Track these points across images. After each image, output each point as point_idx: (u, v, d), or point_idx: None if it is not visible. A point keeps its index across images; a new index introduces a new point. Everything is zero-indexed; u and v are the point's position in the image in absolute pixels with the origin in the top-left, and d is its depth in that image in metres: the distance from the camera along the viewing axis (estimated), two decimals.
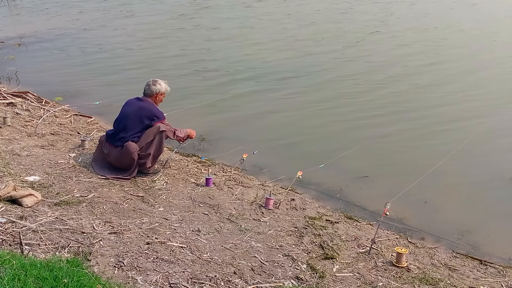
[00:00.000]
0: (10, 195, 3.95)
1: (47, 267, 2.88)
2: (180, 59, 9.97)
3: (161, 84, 5.02)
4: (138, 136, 4.90)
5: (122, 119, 4.95)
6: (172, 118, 5.98)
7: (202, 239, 3.78)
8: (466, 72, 9.00)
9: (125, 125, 4.90)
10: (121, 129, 4.91)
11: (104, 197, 4.34)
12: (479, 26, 12.34)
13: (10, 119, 6.09)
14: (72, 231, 3.63)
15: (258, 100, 7.69)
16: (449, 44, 10.87)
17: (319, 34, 11.75)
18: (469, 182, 5.37)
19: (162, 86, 5.02)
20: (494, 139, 6.34)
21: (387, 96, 7.86)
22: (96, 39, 11.77)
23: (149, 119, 4.90)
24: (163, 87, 5.02)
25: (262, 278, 3.34)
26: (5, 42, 11.32)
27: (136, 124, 4.89)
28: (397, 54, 10.08)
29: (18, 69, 8.91)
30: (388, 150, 6.06)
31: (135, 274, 3.18)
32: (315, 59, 9.82)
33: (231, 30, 12.35)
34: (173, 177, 4.99)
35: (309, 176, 5.19)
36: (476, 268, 3.90)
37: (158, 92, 5.00)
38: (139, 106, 4.94)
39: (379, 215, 4.48)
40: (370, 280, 3.47)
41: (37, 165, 4.92)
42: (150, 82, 5.03)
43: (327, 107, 7.42)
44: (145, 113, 4.91)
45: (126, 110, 4.99)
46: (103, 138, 5.08)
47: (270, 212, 4.42)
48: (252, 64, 9.55)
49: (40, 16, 14.46)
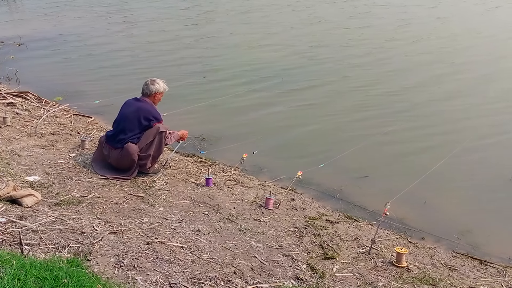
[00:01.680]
0: (10, 195, 3.95)
1: (47, 267, 2.88)
2: (180, 59, 9.97)
3: (160, 84, 4.98)
4: (137, 137, 4.89)
5: (121, 121, 4.93)
6: (172, 117, 6.00)
7: (202, 239, 3.78)
8: (467, 72, 9.02)
9: (124, 126, 4.89)
10: (121, 130, 4.89)
11: (104, 197, 4.34)
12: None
13: (10, 119, 6.09)
14: (72, 231, 3.62)
15: (258, 100, 7.69)
16: (448, 45, 10.88)
17: (320, 34, 11.76)
18: (469, 182, 5.38)
19: (161, 85, 4.99)
20: (494, 139, 6.34)
21: (387, 96, 7.86)
22: (96, 39, 11.78)
23: (147, 120, 4.88)
24: (161, 86, 4.99)
25: (262, 278, 3.34)
26: (5, 42, 11.32)
27: (135, 125, 4.87)
28: (395, 54, 10.09)
29: (18, 69, 8.91)
30: (388, 150, 6.06)
31: (135, 274, 3.18)
32: (316, 59, 9.82)
33: (231, 30, 12.35)
34: (173, 177, 4.99)
35: (309, 176, 5.19)
36: (476, 268, 3.90)
37: (157, 91, 4.96)
38: (138, 107, 4.92)
39: (379, 215, 4.48)
40: (370, 280, 3.47)
41: (37, 165, 4.92)
42: (149, 81, 4.99)
43: (327, 107, 7.42)
44: (143, 114, 4.88)
45: (124, 111, 4.97)
46: (103, 139, 5.07)
47: (270, 212, 4.42)
48: (252, 64, 9.55)
49: (41, 16, 14.46)
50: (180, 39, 11.55)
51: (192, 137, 6.22)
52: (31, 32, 12.26)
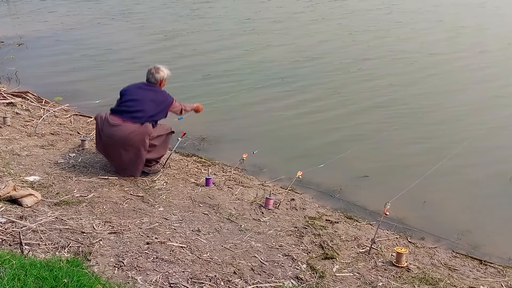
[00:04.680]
0: (10, 195, 3.95)
1: (47, 267, 2.88)
2: (181, 59, 9.95)
3: (164, 71, 4.94)
4: (155, 121, 4.85)
5: (137, 100, 4.79)
6: (172, 117, 5.99)
7: (202, 239, 3.78)
8: (466, 72, 9.02)
9: (142, 106, 4.76)
10: (138, 107, 4.75)
11: (104, 197, 4.34)
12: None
13: (10, 119, 6.09)
14: (72, 231, 3.63)
15: (258, 100, 7.69)
16: (438, 51, 10.89)
17: (322, 35, 11.75)
18: (469, 182, 5.38)
19: (165, 72, 4.94)
20: (494, 139, 6.35)
21: (387, 96, 7.86)
22: (96, 39, 11.76)
23: (163, 104, 4.88)
24: (166, 73, 4.95)
25: (262, 278, 3.34)
26: (5, 42, 11.31)
27: (152, 107, 4.79)
28: (395, 54, 10.09)
29: (18, 69, 8.90)
30: (388, 150, 6.07)
31: (135, 274, 3.18)
32: (316, 59, 9.81)
33: (231, 30, 12.34)
34: (173, 177, 4.99)
35: (309, 176, 5.19)
36: (476, 268, 3.90)
37: (163, 79, 4.93)
38: (153, 91, 4.86)
39: (379, 215, 4.48)
40: (370, 280, 3.47)
41: (37, 165, 4.92)
42: (153, 70, 4.92)
43: (327, 107, 7.41)
44: (160, 97, 4.87)
45: (138, 92, 4.86)
46: (104, 113, 4.83)
47: (270, 212, 4.42)
48: (252, 64, 9.54)
49: (41, 16, 14.45)
50: (183, 39, 11.53)
51: (192, 137, 6.23)
52: (31, 32, 12.25)
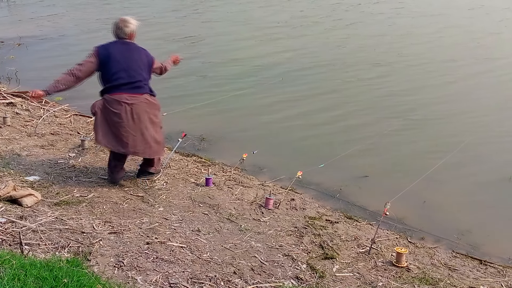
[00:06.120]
0: (10, 195, 3.95)
1: (47, 267, 2.88)
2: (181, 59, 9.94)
3: (132, 23, 4.42)
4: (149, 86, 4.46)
5: (129, 67, 4.34)
6: (172, 117, 6.00)
7: (202, 239, 3.78)
8: (466, 72, 9.02)
9: (136, 72, 4.36)
10: (136, 77, 4.35)
11: (104, 197, 4.34)
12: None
13: (10, 119, 6.09)
14: (72, 231, 3.63)
15: (258, 100, 7.69)
16: (435, 45, 10.89)
17: (321, 35, 11.76)
18: (469, 182, 5.38)
19: (134, 23, 4.42)
20: (494, 139, 6.35)
21: (387, 96, 7.86)
22: (96, 39, 11.75)
23: (148, 64, 4.48)
24: (135, 25, 4.42)
25: (262, 278, 3.34)
26: (5, 42, 11.30)
27: (143, 70, 4.41)
28: (396, 55, 10.09)
29: (18, 69, 8.90)
30: (388, 150, 6.07)
31: (135, 274, 3.18)
32: (315, 59, 9.81)
33: (232, 30, 12.34)
34: (173, 177, 4.99)
35: (309, 176, 5.19)
36: (476, 268, 3.90)
37: (133, 32, 4.43)
38: (134, 50, 4.42)
39: (379, 215, 4.48)
40: (370, 280, 3.47)
41: (37, 165, 4.92)
42: (120, 24, 4.38)
43: (327, 107, 7.42)
44: (143, 57, 4.44)
45: (124, 58, 4.37)
46: (102, 100, 4.51)
47: (270, 212, 4.42)
48: (253, 64, 9.54)
49: (40, 16, 14.44)
50: (184, 39, 11.53)
51: (192, 137, 6.23)
52: (31, 32, 12.24)
